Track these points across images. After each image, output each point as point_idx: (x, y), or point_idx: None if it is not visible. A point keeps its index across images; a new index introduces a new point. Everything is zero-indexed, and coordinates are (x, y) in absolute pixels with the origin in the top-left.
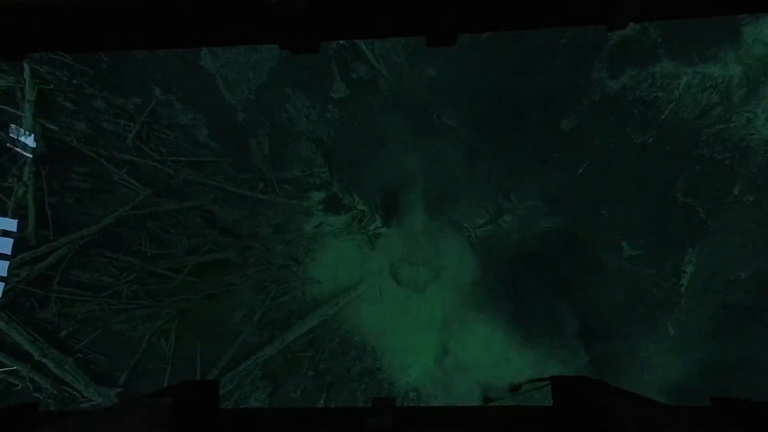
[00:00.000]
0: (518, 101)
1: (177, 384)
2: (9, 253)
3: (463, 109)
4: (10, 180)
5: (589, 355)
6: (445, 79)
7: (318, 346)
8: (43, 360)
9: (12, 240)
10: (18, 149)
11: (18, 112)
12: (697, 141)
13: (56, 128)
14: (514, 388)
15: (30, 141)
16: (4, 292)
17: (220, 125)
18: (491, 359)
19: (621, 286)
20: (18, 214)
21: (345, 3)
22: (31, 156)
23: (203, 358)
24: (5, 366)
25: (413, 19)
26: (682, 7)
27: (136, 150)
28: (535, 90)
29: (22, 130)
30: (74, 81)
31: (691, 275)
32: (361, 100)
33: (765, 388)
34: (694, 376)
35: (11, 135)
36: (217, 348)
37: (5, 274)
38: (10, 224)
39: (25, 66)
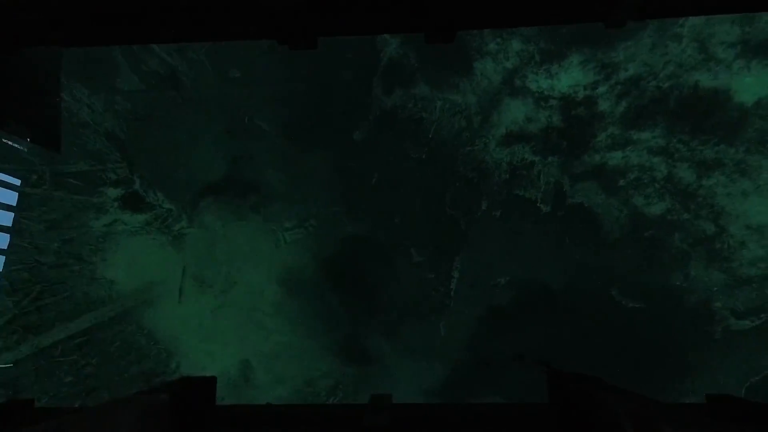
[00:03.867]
0: (316, 110)
1: (173, 380)
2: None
3: (273, 113)
4: None
5: (375, 352)
6: (252, 81)
7: (89, 351)
8: None
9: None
10: None
11: None
12: (456, 159)
13: None
14: (518, 357)
15: None
16: None
17: None
18: (291, 356)
19: (411, 288)
20: None
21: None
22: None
23: None
24: None
25: (412, 16)
26: (678, 6)
27: None
28: (329, 100)
29: None
30: None
31: (458, 280)
32: (161, 96)
33: (513, 384)
34: (457, 374)
35: None
36: None
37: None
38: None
39: None
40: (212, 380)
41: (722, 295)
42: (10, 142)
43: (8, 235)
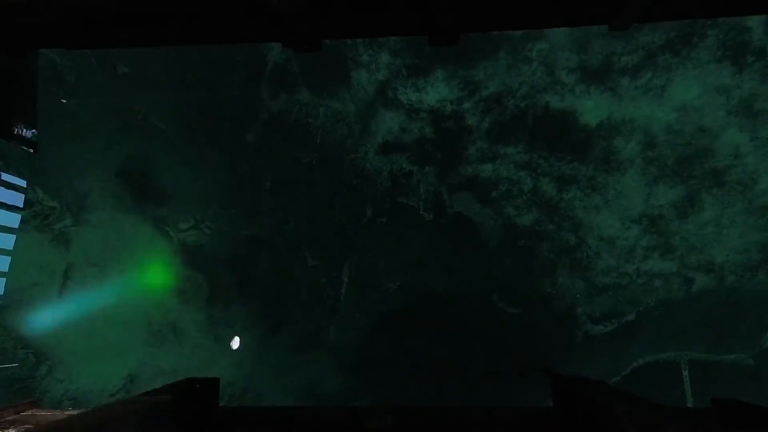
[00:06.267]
0: (209, 111)
1: (176, 381)
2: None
3: (168, 111)
4: None
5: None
6: (142, 78)
7: None
8: None
9: None
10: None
11: None
12: (342, 166)
13: None
14: (519, 374)
15: None
16: None
17: None
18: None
19: (306, 291)
20: None
21: (347, 2)
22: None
23: None
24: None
25: (416, 18)
26: (682, 9)
27: None
28: (221, 102)
29: None
30: None
31: (347, 285)
32: (42, 89)
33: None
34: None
35: None
36: None
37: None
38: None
39: None
40: (215, 382)
41: (583, 302)
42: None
43: (14, 235)
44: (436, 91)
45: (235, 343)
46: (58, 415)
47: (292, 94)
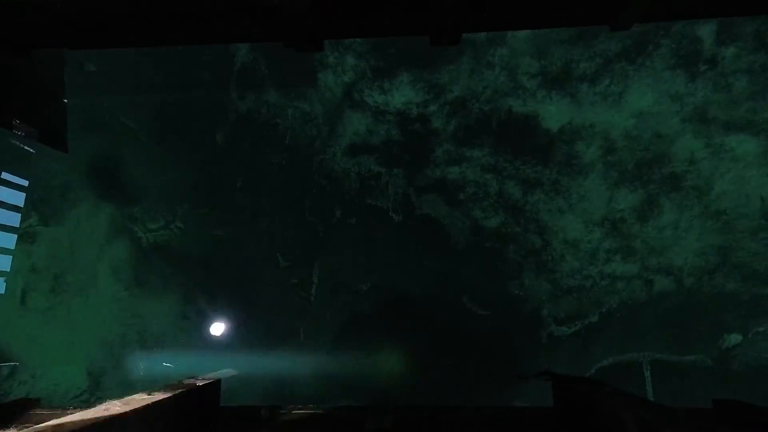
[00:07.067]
0: (178, 110)
1: (178, 381)
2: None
3: (137, 110)
4: None
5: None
6: (110, 76)
7: None
8: None
9: None
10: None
11: None
12: (312, 167)
13: None
14: (521, 376)
15: None
16: None
17: None
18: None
19: (278, 292)
20: None
21: (348, 2)
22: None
23: None
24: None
25: (418, 19)
26: (684, 9)
27: None
28: (191, 102)
29: None
30: None
31: (317, 286)
32: None
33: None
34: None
35: None
36: None
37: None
38: None
39: None
40: (216, 382)
41: (549, 304)
42: (19, 144)
43: (15, 235)
44: (402, 94)
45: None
46: (59, 414)
47: (260, 95)
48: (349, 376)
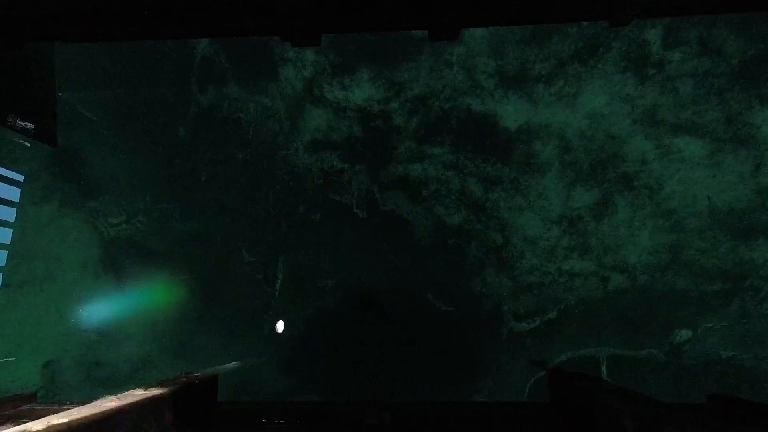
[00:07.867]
0: (141, 104)
1: (175, 376)
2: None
3: (98, 103)
4: None
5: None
6: (69, 67)
7: None
8: None
9: None
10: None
11: None
12: (275, 162)
13: None
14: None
15: None
16: None
17: None
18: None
19: (242, 287)
20: None
21: None
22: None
23: None
24: None
25: (416, 14)
26: (684, 4)
27: None
28: (152, 95)
29: None
30: None
31: (281, 282)
32: None
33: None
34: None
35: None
36: None
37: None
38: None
39: None
40: (214, 377)
41: (509, 300)
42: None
43: (11, 230)
44: (362, 90)
45: (280, 326)
46: (56, 409)
47: (221, 89)
48: (312, 370)
